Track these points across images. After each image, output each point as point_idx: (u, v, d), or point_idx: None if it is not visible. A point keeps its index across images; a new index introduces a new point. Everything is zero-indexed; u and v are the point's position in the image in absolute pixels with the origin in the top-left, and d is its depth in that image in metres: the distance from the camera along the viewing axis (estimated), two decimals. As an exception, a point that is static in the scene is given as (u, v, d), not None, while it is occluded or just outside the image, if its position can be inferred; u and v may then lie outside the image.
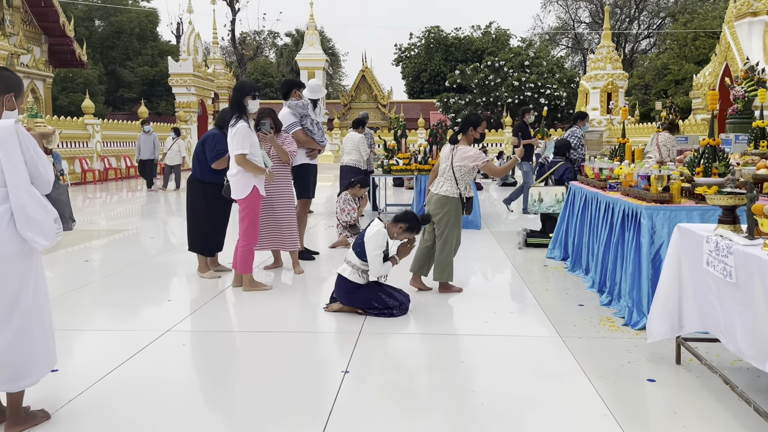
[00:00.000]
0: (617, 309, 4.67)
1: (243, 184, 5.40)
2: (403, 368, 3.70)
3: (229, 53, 45.27)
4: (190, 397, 3.32)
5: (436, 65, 42.18)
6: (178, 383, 3.51)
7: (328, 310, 4.86)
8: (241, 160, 5.28)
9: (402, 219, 4.86)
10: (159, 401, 3.23)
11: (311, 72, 28.44)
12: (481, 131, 5.48)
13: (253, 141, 5.38)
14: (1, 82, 2.76)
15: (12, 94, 2.77)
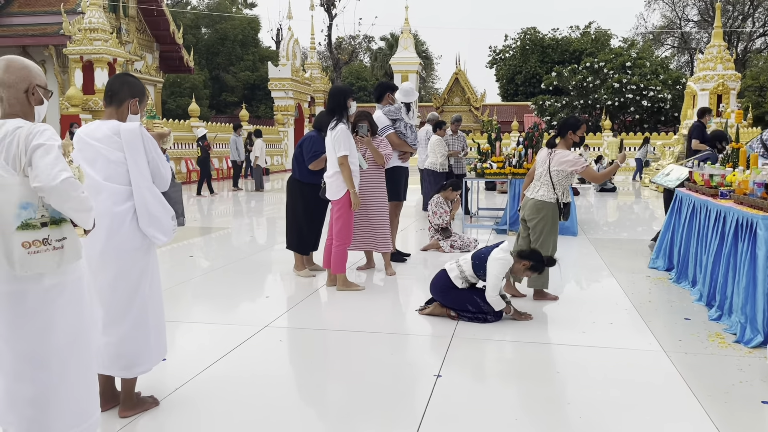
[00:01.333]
0: (728, 325, 4.37)
1: (339, 185, 5.50)
2: (497, 375, 3.64)
3: (326, 58, 46.38)
4: (284, 393, 3.42)
5: (532, 67, 41.28)
6: (274, 378, 3.62)
7: (422, 313, 4.86)
8: (342, 161, 5.40)
9: (527, 257, 4.72)
10: (255, 394, 3.35)
11: (405, 75, 28.64)
12: (580, 134, 5.30)
13: (351, 143, 5.49)
14: (127, 88, 2.96)
15: (137, 99, 2.98)
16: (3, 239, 2.10)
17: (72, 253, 2.24)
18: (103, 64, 17.11)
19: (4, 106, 2.30)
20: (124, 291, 2.88)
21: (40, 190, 2.10)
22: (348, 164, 5.41)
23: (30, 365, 2.25)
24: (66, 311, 2.30)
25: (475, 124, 35.05)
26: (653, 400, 3.25)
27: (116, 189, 2.82)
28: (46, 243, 2.14)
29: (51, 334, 2.26)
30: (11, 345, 2.24)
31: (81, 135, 2.86)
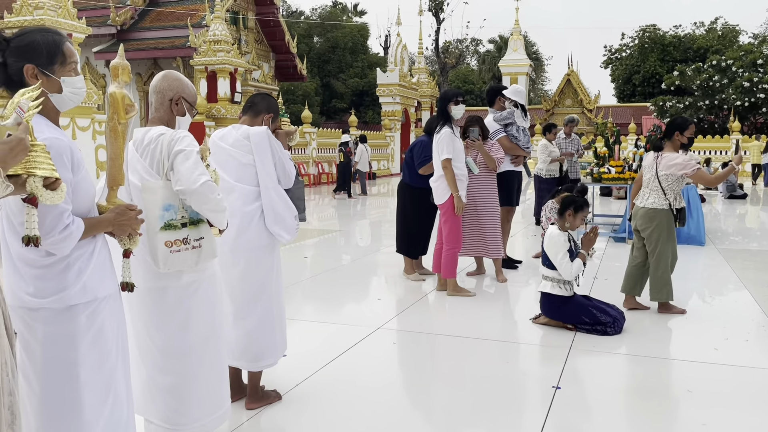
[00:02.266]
0: None
1: (445, 188, 5.47)
2: (622, 391, 3.46)
3: (433, 62, 46.52)
4: (397, 396, 3.43)
5: (651, 66, 39.16)
6: (388, 380, 3.65)
7: (536, 322, 4.72)
8: (446, 164, 5.37)
9: (565, 206, 4.64)
10: (370, 395, 3.39)
11: (514, 77, 28.13)
12: (688, 135, 4.93)
13: (456, 147, 5.44)
14: (266, 103, 3.19)
15: (271, 115, 3.17)
16: (148, 239, 2.25)
17: (209, 251, 2.37)
18: (225, 74, 18.10)
19: (151, 111, 2.48)
20: (251, 287, 3.02)
21: (181, 193, 2.24)
22: (451, 168, 5.37)
23: (170, 357, 2.40)
24: (202, 306, 2.44)
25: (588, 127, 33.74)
26: (802, 427, 2.95)
27: (246, 189, 2.98)
28: (186, 242, 2.28)
29: (189, 327, 2.41)
30: (154, 338, 2.40)
31: (214, 140, 3.03)
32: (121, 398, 2.03)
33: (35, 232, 1.69)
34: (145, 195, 2.28)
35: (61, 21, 11.93)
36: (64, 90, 1.88)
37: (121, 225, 1.96)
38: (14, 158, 1.55)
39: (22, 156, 1.57)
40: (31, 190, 1.63)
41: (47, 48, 1.85)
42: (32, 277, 1.86)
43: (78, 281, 1.88)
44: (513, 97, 6.77)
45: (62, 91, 1.88)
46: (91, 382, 1.93)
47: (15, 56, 1.77)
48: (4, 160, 1.53)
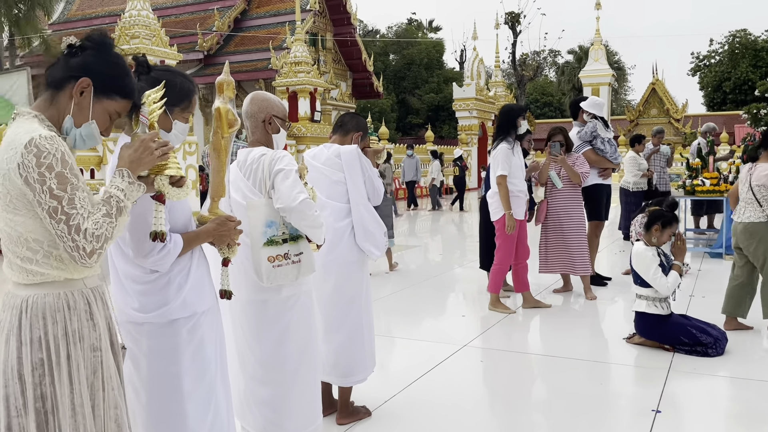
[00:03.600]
0: None
1: (499, 205, 5.38)
2: (727, 415, 3.26)
3: (509, 75, 46.02)
4: (483, 414, 3.37)
5: (743, 72, 37.15)
6: (477, 399, 3.60)
7: (630, 342, 4.53)
8: (500, 180, 5.28)
9: (652, 220, 4.47)
10: (459, 414, 3.34)
11: (595, 88, 27.40)
12: None
13: (513, 163, 5.35)
14: (355, 122, 3.29)
15: (360, 133, 3.25)
16: (253, 254, 2.34)
17: (307, 266, 2.43)
18: (306, 94, 18.60)
19: (249, 134, 2.58)
20: (342, 302, 3.07)
21: (282, 210, 2.32)
22: (506, 184, 5.28)
23: (269, 369, 2.47)
24: (299, 320, 2.50)
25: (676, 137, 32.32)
26: None
27: (337, 206, 3.04)
28: (286, 257, 2.35)
29: (287, 340, 2.47)
30: (254, 349, 2.47)
31: (307, 159, 3.12)
32: (221, 408, 2.10)
33: (161, 228, 1.81)
34: (249, 212, 2.38)
35: (155, 48, 12.64)
36: (173, 130, 2.00)
37: (221, 235, 2.04)
38: (141, 161, 1.68)
39: (148, 159, 1.68)
40: (158, 187, 1.76)
41: (180, 91, 2.01)
42: (136, 293, 1.96)
43: (178, 296, 1.97)
44: (591, 110, 6.59)
45: (170, 131, 2.00)
46: (194, 393, 2.01)
47: (150, 85, 1.89)
48: (133, 163, 1.66)
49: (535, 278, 6.89)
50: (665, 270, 4.34)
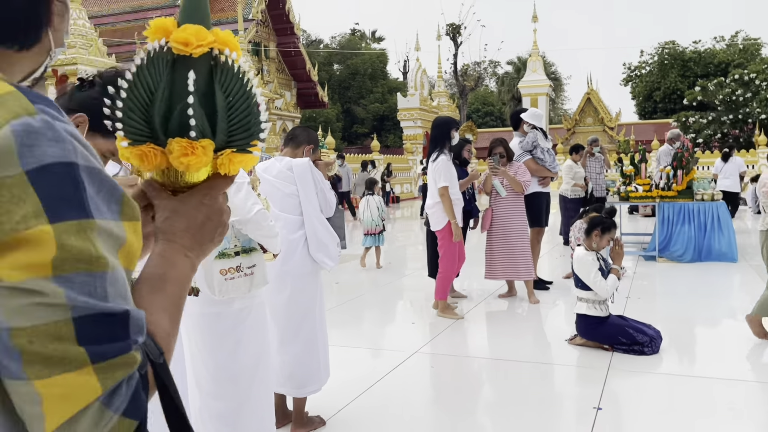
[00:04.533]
0: None
1: (441, 215, 5.53)
2: (663, 410, 3.44)
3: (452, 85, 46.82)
4: (436, 419, 3.46)
5: (672, 82, 38.98)
6: (429, 404, 3.68)
7: (572, 343, 4.72)
8: (443, 191, 5.44)
9: (592, 226, 4.67)
10: (412, 420, 3.42)
11: (534, 98, 28.21)
12: None
13: (452, 173, 5.52)
14: (306, 135, 3.33)
15: (312, 146, 3.29)
16: (204, 267, 2.35)
17: (260, 279, 2.46)
18: (249, 104, 18.47)
19: None
20: (296, 313, 3.10)
21: (237, 222, 2.35)
22: (449, 195, 5.44)
23: (222, 382, 2.48)
24: (252, 333, 2.52)
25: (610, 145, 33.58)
26: None
27: (290, 219, 3.08)
28: (239, 270, 2.38)
29: (240, 353, 2.48)
30: (207, 363, 2.48)
31: (259, 171, 3.15)
32: None
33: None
34: None
35: (92, 59, 12.33)
36: None
37: None
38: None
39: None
40: None
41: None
42: None
43: None
44: (531, 121, 6.86)
45: None
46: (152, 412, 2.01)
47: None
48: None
49: (480, 284, 7.07)
50: (604, 274, 4.54)
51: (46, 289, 0.61)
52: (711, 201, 8.32)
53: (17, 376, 0.62)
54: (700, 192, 8.45)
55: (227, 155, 0.85)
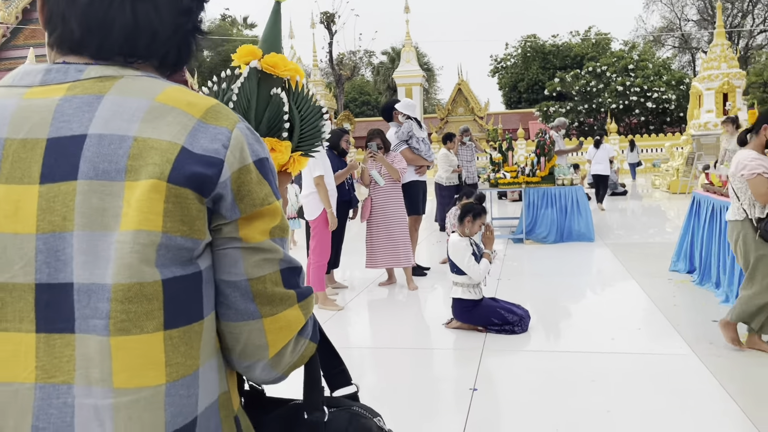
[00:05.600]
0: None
1: (315, 204, 5.57)
2: (533, 386, 3.65)
3: (328, 74, 46.69)
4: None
5: (534, 74, 41.42)
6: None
7: (449, 327, 4.88)
8: (319, 181, 5.46)
9: (464, 213, 4.89)
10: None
11: (408, 88, 28.79)
12: None
13: (326, 164, 5.57)
14: None
15: None
16: None
17: None
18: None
19: None
20: None
21: None
22: (324, 184, 5.49)
23: None
24: None
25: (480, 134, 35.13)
26: (694, 406, 3.25)
27: None
28: None
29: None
30: None
31: None
32: None
33: None
34: None
35: None
36: None
37: None
38: None
39: None
40: None
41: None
42: None
43: None
44: (405, 111, 7.00)
45: None
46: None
47: None
48: None
49: (362, 273, 7.13)
50: (477, 258, 4.74)
51: (272, 248, 0.85)
52: (570, 186, 8.94)
53: (253, 316, 0.83)
54: (560, 177, 9.05)
55: (296, 157, 1.19)
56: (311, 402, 1.07)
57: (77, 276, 0.74)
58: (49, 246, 0.74)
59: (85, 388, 0.73)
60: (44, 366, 0.74)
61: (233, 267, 0.82)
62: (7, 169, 0.77)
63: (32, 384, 0.74)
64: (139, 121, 0.77)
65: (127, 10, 0.83)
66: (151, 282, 0.74)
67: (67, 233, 0.74)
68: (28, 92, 0.81)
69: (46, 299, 0.74)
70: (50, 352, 0.74)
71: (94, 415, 0.73)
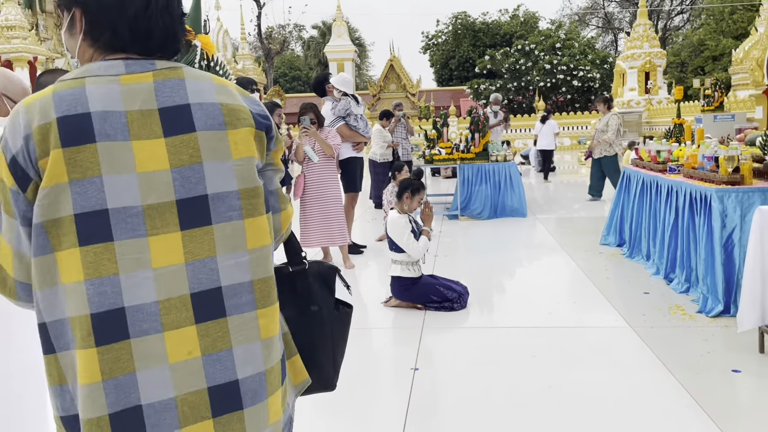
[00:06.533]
0: (696, 296, 4.48)
1: None
2: (475, 364, 3.61)
3: (257, 48, 45.45)
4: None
5: (465, 51, 41.70)
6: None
7: (387, 305, 4.79)
8: None
9: (402, 189, 4.79)
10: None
11: (340, 63, 28.39)
12: None
13: None
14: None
15: None
16: None
17: None
18: (23, 63, 16.17)
19: None
20: None
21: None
22: None
23: None
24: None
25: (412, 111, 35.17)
26: (631, 377, 3.30)
27: None
28: None
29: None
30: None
31: None
32: None
33: None
34: None
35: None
36: None
37: None
38: None
39: None
40: None
41: None
42: None
43: None
44: (340, 87, 6.78)
45: None
46: None
47: None
48: None
49: (295, 253, 6.94)
50: (416, 236, 4.65)
51: (282, 168, 1.32)
52: (504, 162, 9.00)
53: (278, 209, 1.31)
54: (494, 154, 9.10)
55: None
56: (293, 261, 1.44)
57: (210, 188, 1.12)
58: (183, 175, 1.10)
59: (226, 255, 1.13)
60: (191, 250, 1.10)
61: (271, 181, 1.27)
62: (136, 131, 1.09)
63: (182, 264, 1.09)
64: (215, 93, 1.17)
65: (160, 22, 1.16)
66: (258, 186, 1.18)
67: (196, 164, 1.11)
68: (122, 78, 1.11)
69: (185, 208, 1.10)
70: (192, 240, 1.10)
71: (236, 268, 1.14)
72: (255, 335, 1.14)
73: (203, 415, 1.08)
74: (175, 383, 1.06)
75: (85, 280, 1.04)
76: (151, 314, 1.06)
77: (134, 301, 1.05)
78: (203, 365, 1.08)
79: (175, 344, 1.06)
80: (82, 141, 1.05)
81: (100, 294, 1.04)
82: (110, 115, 1.07)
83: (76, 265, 1.04)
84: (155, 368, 1.05)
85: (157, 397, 1.05)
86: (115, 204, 1.06)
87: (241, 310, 1.13)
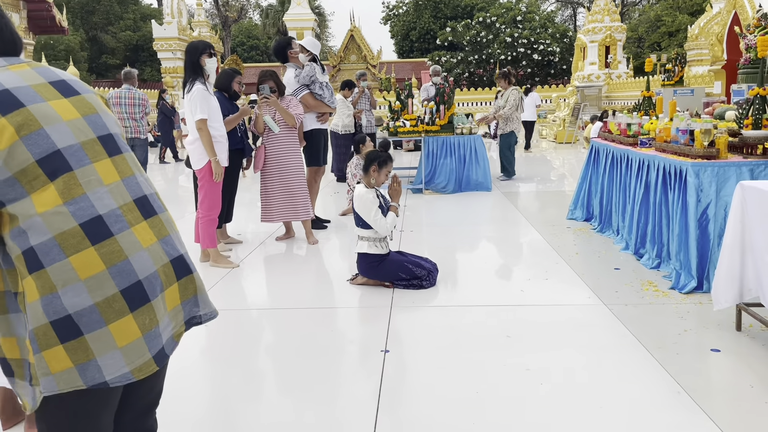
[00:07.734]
0: (667, 272, 4.42)
1: (201, 152, 5.00)
2: (448, 345, 3.46)
3: (213, 16, 44.03)
4: (220, 377, 3.07)
5: (426, 23, 41.24)
6: (205, 365, 3.26)
7: (354, 283, 4.60)
8: (201, 125, 4.91)
9: (369, 162, 4.53)
10: (191, 378, 2.98)
11: (300, 32, 27.64)
12: None
13: (212, 105, 5.00)
14: None
15: None
16: None
17: None
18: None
19: None
20: None
21: None
22: (207, 129, 4.91)
23: None
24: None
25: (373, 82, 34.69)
26: (609, 356, 3.19)
27: None
28: None
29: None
30: None
31: None
32: None
33: None
34: None
35: None
36: None
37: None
38: None
39: None
40: None
41: None
42: None
43: None
44: (311, 49, 6.44)
45: None
46: None
47: None
48: None
49: (256, 227, 6.69)
50: (384, 211, 4.45)
51: None
52: (469, 135, 8.84)
53: None
54: (459, 126, 8.93)
55: None
56: None
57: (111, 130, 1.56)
58: (91, 120, 1.51)
59: (137, 174, 1.57)
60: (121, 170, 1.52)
61: None
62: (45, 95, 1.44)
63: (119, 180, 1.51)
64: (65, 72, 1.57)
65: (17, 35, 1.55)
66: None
67: (94, 114, 1.53)
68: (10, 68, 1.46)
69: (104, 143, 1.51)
70: (118, 165, 1.51)
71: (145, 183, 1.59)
72: (173, 228, 1.61)
73: (172, 280, 1.53)
74: (153, 260, 1.47)
75: (64, 203, 1.37)
76: (119, 216, 1.44)
77: (104, 209, 1.42)
78: (161, 246, 1.51)
79: (141, 234, 1.47)
80: (15, 107, 1.37)
81: (80, 209, 1.38)
82: (21, 89, 1.41)
83: (52, 195, 1.36)
84: (138, 252, 1.44)
85: (147, 271, 1.45)
86: (62, 144, 1.40)
87: (161, 209, 1.58)
